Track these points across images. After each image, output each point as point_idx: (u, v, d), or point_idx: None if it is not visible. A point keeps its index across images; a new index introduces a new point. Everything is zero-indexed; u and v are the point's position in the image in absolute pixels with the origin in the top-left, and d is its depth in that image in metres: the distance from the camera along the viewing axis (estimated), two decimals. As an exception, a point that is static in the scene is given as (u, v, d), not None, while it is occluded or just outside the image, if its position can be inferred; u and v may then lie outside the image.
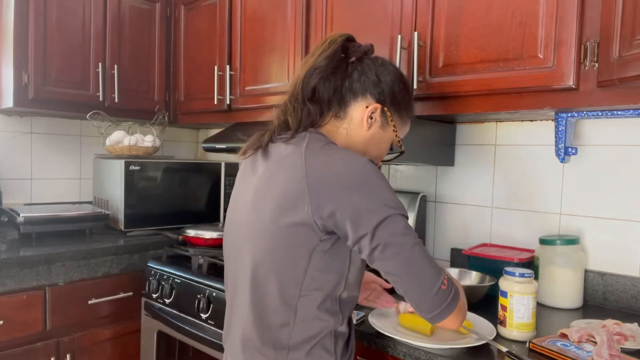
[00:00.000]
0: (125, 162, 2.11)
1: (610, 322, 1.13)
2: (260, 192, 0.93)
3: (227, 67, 2.03)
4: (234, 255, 1.01)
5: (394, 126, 1.03)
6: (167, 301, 1.74)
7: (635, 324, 1.16)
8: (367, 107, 0.99)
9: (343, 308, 0.94)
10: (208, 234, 1.84)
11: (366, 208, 0.84)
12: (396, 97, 1.02)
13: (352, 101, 0.99)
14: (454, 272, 1.51)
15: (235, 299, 1.00)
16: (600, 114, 1.33)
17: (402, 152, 1.08)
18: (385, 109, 1.01)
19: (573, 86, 1.14)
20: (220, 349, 1.50)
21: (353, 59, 1.01)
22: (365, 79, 1.00)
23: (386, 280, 1.13)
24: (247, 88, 1.98)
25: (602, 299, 1.42)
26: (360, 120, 0.99)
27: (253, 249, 0.93)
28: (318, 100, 0.99)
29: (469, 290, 1.34)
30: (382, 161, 1.11)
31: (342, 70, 1.00)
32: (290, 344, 0.90)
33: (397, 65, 1.40)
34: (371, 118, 1.00)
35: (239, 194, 1.03)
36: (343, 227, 0.85)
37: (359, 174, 0.86)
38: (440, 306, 0.87)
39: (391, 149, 1.08)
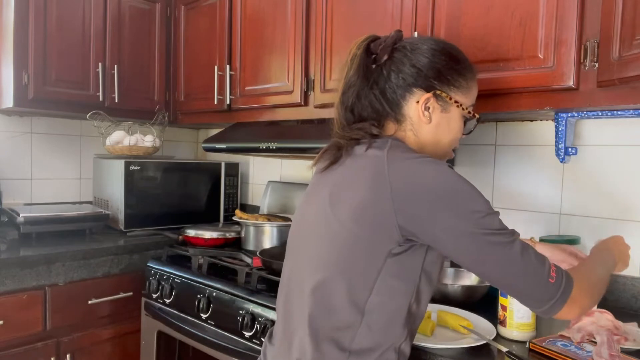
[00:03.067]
0: (125, 162, 2.11)
1: (604, 317, 1.12)
2: (338, 190, 0.91)
3: (227, 67, 2.03)
4: (299, 248, 0.98)
5: (455, 102, 0.96)
6: (167, 301, 1.74)
7: (635, 324, 1.16)
8: (417, 102, 0.94)
9: (411, 322, 0.91)
10: (208, 234, 1.85)
11: (454, 220, 0.81)
12: (442, 73, 0.94)
13: (402, 102, 0.95)
14: (453, 272, 1.51)
15: (294, 297, 0.96)
16: (600, 114, 1.33)
17: (478, 119, 1.01)
18: (438, 92, 0.94)
19: (573, 86, 1.14)
20: (220, 349, 1.50)
21: (385, 57, 0.95)
22: (403, 75, 0.94)
23: None
24: (247, 88, 1.98)
25: (602, 299, 1.41)
26: (418, 117, 0.94)
27: (326, 246, 0.90)
28: (362, 120, 0.96)
29: (468, 290, 1.34)
30: (463, 134, 1.02)
31: (377, 76, 0.96)
32: (352, 348, 0.87)
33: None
34: (427, 110, 0.94)
35: (313, 189, 1.00)
36: (429, 237, 0.83)
37: (443, 186, 0.83)
38: (553, 297, 0.82)
39: (465, 120, 1.00)
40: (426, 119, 0.95)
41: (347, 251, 0.87)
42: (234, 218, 2.01)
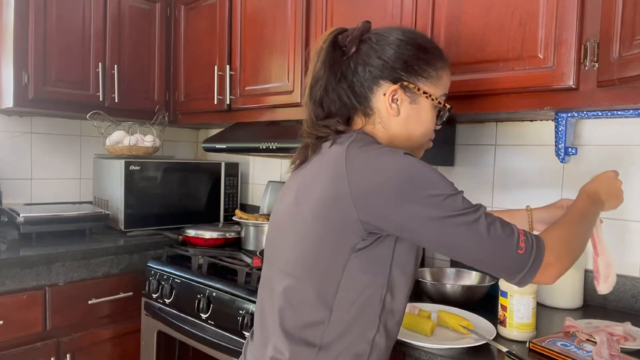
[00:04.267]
0: (125, 162, 2.11)
1: (613, 326, 1.13)
2: (303, 190, 0.92)
3: (227, 67, 2.03)
4: (273, 248, 0.99)
5: (424, 93, 0.94)
6: (167, 301, 1.74)
7: (628, 323, 1.17)
8: (384, 94, 0.93)
9: (385, 317, 0.90)
10: (208, 234, 1.85)
11: (415, 207, 0.81)
12: (409, 64, 0.93)
13: (370, 95, 0.94)
14: (453, 272, 1.51)
15: (267, 296, 0.98)
16: (600, 114, 1.33)
17: (450, 109, 0.98)
18: (405, 83, 0.93)
19: (573, 86, 1.14)
20: (220, 349, 1.50)
21: (352, 50, 0.94)
22: (370, 68, 0.93)
23: None
24: (247, 88, 1.98)
25: (602, 299, 1.42)
26: (386, 110, 0.93)
27: (292, 244, 0.91)
28: (331, 114, 0.95)
29: (469, 290, 1.34)
30: (437, 125, 1.01)
31: (345, 69, 0.95)
32: (322, 343, 0.87)
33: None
34: (395, 102, 0.93)
35: (285, 188, 1.01)
36: (393, 227, 0.83)
37: (400, 175, 0.82)
38: (524, 267, 0.82)
39: (438, 112, 0.99)
40: (394, 111, 0.93)
41: (312, 250, 0.88)
42: (234, 218, 2.01)
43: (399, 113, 0.94)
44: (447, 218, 0.81)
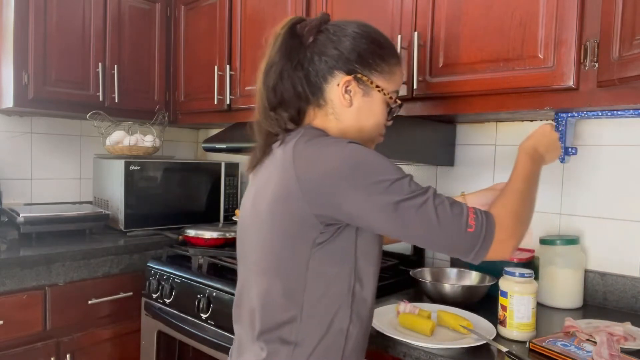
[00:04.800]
0: (125, 162, 2.11)
1: (613, 326, 1.13)
2: (258, 191, 0.94)
3: (227, 67, 2.03)
4: (242, 255, 1.01)
5: (377, 87, 0.95)
6: (167, 301, 1.74)
7: (628, 323, 1.16)
8: (338, 85, 0.93)
9: (357, 306, 0.91)
10: (208, 234, 1.84)
11: (363, 194, 0.81)
12: (364, 56, 0.94)
13: (324, 85, 0.94)
14: (453, 272, 1.51)
15: (242, 300, 1.00)
16: (600, 114, 1.33)
17: (400, 105, 1.00)
18: (359, 75, 0.94)
19: (573, 86, 1.14)
20: (220, 349, 1.50)
21: (310, 39, 0.95)
22: (326, 58, 0.93)
23: None
24: (247, 88, 1.97)
25: (602, 299, 1.42)
26: (339, 100, 0.94)
27: (256, 246, 0.93)
28: (284, 102, 0.95)
29: (469, 290, 1.34)
30: (387, 120, 1.02)
31: (302, 58, 0.95)
32: (297, 340, 0.89)
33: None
34: (348, 93, 0.94)
35: (246, 198, 1.03)
36: (344, 216, 0.84)
37: (344, 164, 0.83)
38: (475, 245, 0.83)
39: (390, 107, 1.00)
40: (347, 102, 0.94)
41: (275, 250, 0.89)
42: (233, 218, 2.01)
43: (352, 104, 0.95)
44: (395, 203, 0.81)
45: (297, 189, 0.84)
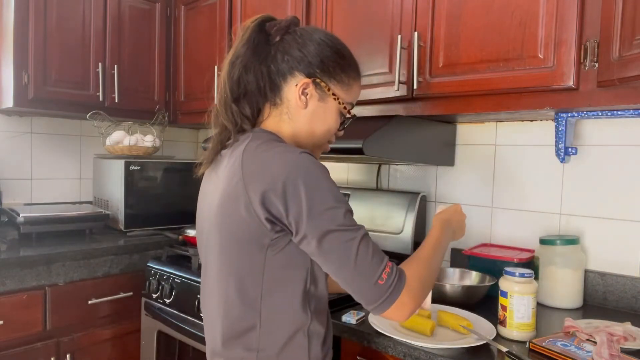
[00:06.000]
0: (125, 162, 2.11)
1: (613, 326, 1.13)
2: (211, 196, 0.95)
3: (227, 67, 2.02)
4: (204, 259, 1.01)
5: (333, 94, 0.97)
6: (167, 301, 1.74)
7: (628, 323, 1.16)
8: (296, 85, 0.95)
9: (314, 305, 0.92)
10: (208, 234, 1.84)
11: (305, 207, 0.82)
12: (326, 64, 0.96)
13: (283, 84, 0.96)
14: (454, 272, 1.51)
15: (208, 307, 1.00)
16: (600, 114, 1.33)
17: (352, 117, 1.01)
18: (318, 80, 0.95)
19: (573, 86, 1.14)
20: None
21: (277, 38, 0.97)
22: (289, 57, 0.95)
23: None
24: (247, 88, 1.97)
25: (602, 299, 1.42)
26: (295, 100, 0.95)
27: (215, 255, 0.93)
28: (247, 95, 0.96)
29: (469, 290, 1.34)
30: (338, 130, 1.03)
31: (266, 54, 0.96)
32: (260, 347, 0.90)
33: (397, 65, 1.40)
34: (305, 95, 0.95)
35: (201, 204, 1.04)
36: (288, 225, 0.85)
37: (294, 171, 0.83)
38: (379, 298, 0.84)
39: (343, 117, 1.01)
40: (302, 103, 0.95)
41: (231, 258, 0.89)
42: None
43: (307, 106, 0.96)
44: (325, 231, 0.82)
45: (245, 195, 0.84)
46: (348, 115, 1.01)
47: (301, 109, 0.96)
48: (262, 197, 0.83)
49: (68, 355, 1.77)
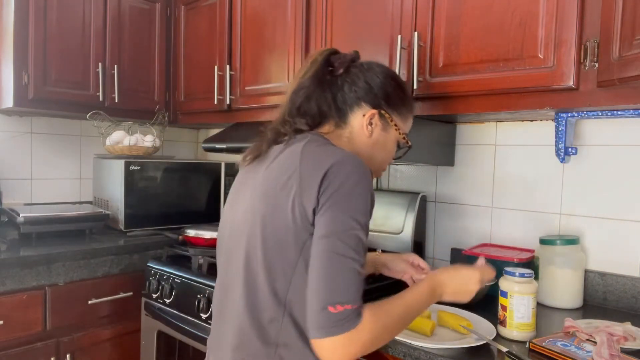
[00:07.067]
0: (125, 162, 2.11)
1: (613, 326, 1.13)
2: (259, 191, 0.94)
3: (227, 67, 2.03)
4: (227, 252, 1.00)
5: (395, 125, 1.05)
6: (167, 301, 1.74)
7: (628, 323, 1.16)
8: (364, 115, 1.01)
9: None
10: (208, 234, 1.84)
11: (340, 213, 0.82)
12: (390, 96, 1.04)
13: (349, 112, 1.02)
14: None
15: (226, 298, 0.99)
16: (600, 114, 1.33)
17: (409, 147, 1.11)
18: (383, 111, 1.03)
19: (573, 86, 1.14)
20: (220, 349, 1.50)
21: (341, 70, 1.03)
22: (356, 88, 1.02)
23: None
24: (247, 88, 1.98)
25: (602, 299, 1.42)
26: (360, 128, 1.02)
27: (246, 244, 0.93)
28: (306, 115, 1.01)
29: (469, 290, 1.34)
30: (393, 159, 1.12)
31: (331, 84, 1.03)
32: (279, 341, 0.89)
33: (397, 65, 1.41)
34: (371, 124, 1.02)
35: (236, 194, 1.04)
36: (320, 207, 0.85)
37: (348, 163, 0.86)
38: (321, 327, 0.80)
39: (398, 146, 1.10)
40: (368, 132, 1.02)
41: (266, 248, 0.89)
42: (234, 218, 2.00)
43: (371, 136, 1.03)
44: (332, 233, 0.82)
45: (298, 185, 0.86)
46: (407, 145, 1.10)
47: (365, 137, 1.03)
48: (316, 187, 0.84)
49: (68, 355, 1.77)
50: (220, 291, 1.02)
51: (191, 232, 1.88)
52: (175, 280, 1.73)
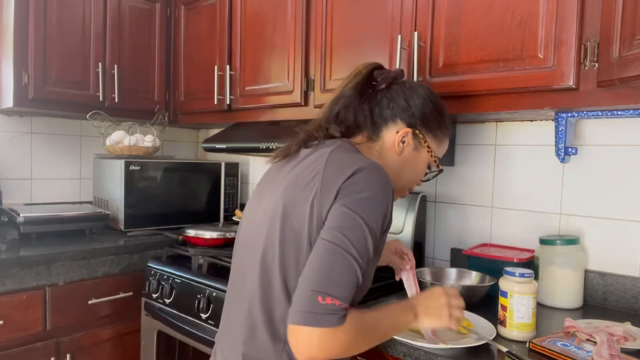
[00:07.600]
0: (125, 162, 2.11)
1: (613, 326, 1.13)
2: (283, 186, 0.95)
3: (227, 67, 2.03)
4: (247, 243, 1.00)
5: (428, 147, 1.06)
6: (167, 301, 1.74)
7: (628, 323, 1.16)
8: (397, 132, 1.02)
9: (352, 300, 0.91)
10: (208, 234, 1.84)
11: (351, 212, 0.83)
12: (427, 118, 1.04)
13: (383, 126, 1.03)
14: (453, 272, 1.51)
15: (242, 288, 0.99)
16: (600, 114, 1.33)
17: (440, 171, 1.11)
18: (417, 131, 1.04)
19: (573, 86, 1.14)
20: (220, 349, 1.50)
21: (383, 86, 1.05)
22: (394, 105, 1.03)
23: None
24: (247, 88, 1.98)
25: (602, 299, 1.42)
26: (392, 144, 1.03)
27: (265, 236, 0.93)
28: (342, 123, 1.03)
29: (469, 290, 1.34)
30: (421, 180, 1.12)
31: (370, 97, 1.04)
32: (287, 338, 0.88)
33: (397, 65, 1.40)
34: (403, 142, 1.03)
35: (262, 189, 1.05)
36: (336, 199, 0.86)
37: (372, 170, 0.87)
38: (304, 312, 0.77)
39: (429, 168, 1.10)
40: (399, 149, 1.03)
41: (284, 244, 0.89)
42: (234, 218, 2.01)
43: (402, 153, 1.04)
44: (341, 229, 0.82)
45: (320, 186, 0.87)
46: (438, 168, 1.10)
47: (395, 153, 1.04)
48: (335, 190, 0.85)
49: (68, 355, 1.77)
50: (237, 279, 1.02)
51: (191, 232, 1.88)
52: (175, 280, 1.73)
